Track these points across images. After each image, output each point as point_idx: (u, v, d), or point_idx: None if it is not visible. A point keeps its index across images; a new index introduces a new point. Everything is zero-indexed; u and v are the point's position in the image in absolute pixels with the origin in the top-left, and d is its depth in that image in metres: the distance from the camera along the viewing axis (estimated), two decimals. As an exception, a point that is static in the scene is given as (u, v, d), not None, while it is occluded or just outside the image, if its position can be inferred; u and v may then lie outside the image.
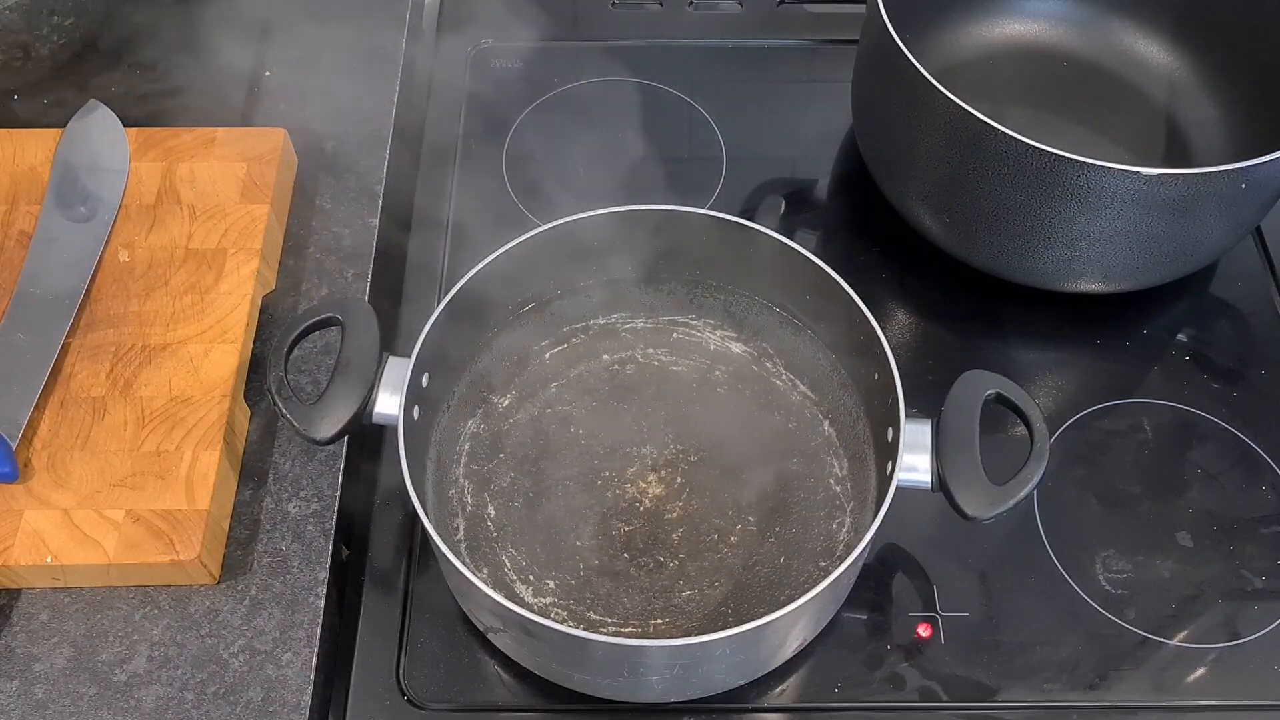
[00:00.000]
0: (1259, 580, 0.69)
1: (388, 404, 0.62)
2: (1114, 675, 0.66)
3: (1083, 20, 0.92)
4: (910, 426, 0.61)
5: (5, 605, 0.63)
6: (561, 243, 0.69)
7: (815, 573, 0.65)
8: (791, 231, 0.84)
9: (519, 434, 0.70)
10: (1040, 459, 0.59)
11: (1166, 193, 0.68)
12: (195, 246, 0.73)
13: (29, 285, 0.70)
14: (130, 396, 0.67)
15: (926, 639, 0.66)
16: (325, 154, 0.82)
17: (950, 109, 0.69)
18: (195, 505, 0.63)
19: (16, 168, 0.76)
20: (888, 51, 0.72)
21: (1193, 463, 0.74)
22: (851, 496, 0.68)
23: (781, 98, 0.94)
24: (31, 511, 0.63)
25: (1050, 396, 0.77)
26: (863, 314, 0.65)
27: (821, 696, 0.65)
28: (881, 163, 0.81)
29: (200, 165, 0.76)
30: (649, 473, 0.69)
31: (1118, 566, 0.69)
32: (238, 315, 0.70)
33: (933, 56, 0.88)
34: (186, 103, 0.84)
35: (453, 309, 0.65)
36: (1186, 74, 0.89)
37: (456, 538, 0.66)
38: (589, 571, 0.65)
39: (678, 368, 0.73)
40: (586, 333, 0.74)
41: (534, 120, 0.90)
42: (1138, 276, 0.76)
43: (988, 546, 0.70)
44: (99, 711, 0.60)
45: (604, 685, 0.62)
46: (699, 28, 0.97)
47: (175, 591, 0.64)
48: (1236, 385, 0.77)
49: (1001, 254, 0.76)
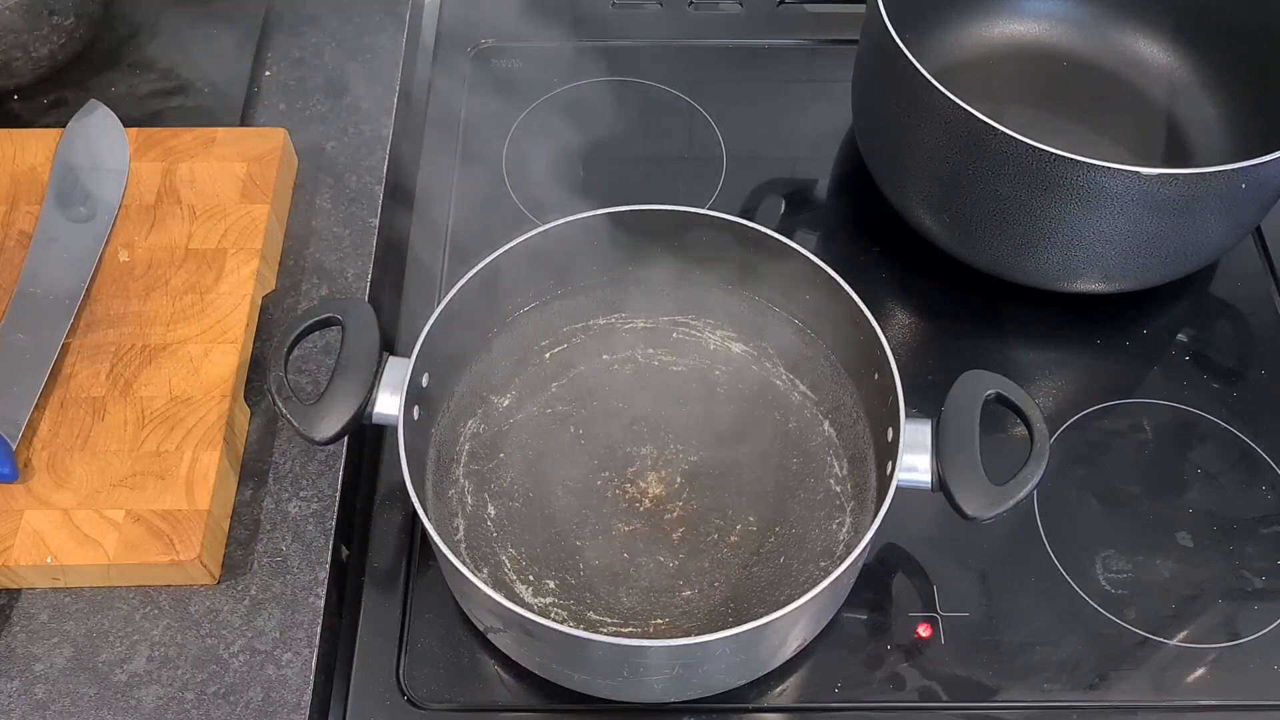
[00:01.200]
0: (1259, 580, 0.69)
1: (388, 404, 0.62)
2: (1114, 675, 0.66)
3: (1083, 20, 0.92)
4: (910, 426, 0.61)
5: (5, 605, 0.63)
6: (561, 243, 0.69)
7: (815, 573, 0.65)
8: (791, 231, 0.84)
9: (519, 434, 0.70)
10: (1040, 459, 0.59)
11: (1166, 193, 0.68)
12: (195, 246, 0.73)
13: (29, 285, 0.70)
14: (130, 396, 0.67)
15: (926, 639, 0.66)
16: (325, 154, 0.82)
17: (950, 109, 0.69)
18: (195, 505, 0.63)
19: (16, 168, 0.76)
20: (888, 51, 0.72)
21: (1193, 463, 0.74)
22: (851, 496, 0.68)
23: (781, 98, 0.94)
24: (31, 511, 0.63)
25: (1050, 396, 0.77)
26: (863, 314, 0.65)
27: (821, 696, 0.65)
28: (881, 163, 0.81)
29: (200, 165, 0.76)
30: (649, 473, 0.69)
31: (1118, 566, 0.69)
32: (238, 315, 0.70)
33: (933, 56, 0.88)
34: (186, 103, 0.84)
35: (453, 309, 0.65)
36: (1186, 74, 0.89)
37: (456, 538, 0.66)
38: (589, 571, 0.65)
39: (678, 368, 0.73)
40: (586, 333, 0.74)
41: (534, 120, 0.90)
42: (1138, 276, 0.76)
43: (988, 546, 0.70)
44: (99, 711, 0.60)
45: (604, 685, 0.62)
46: (699, 28, 0.97)
47: (175, 591, 0.64)
48: (1236, 385, 0.77)
49: (1001, 254, 0.76)
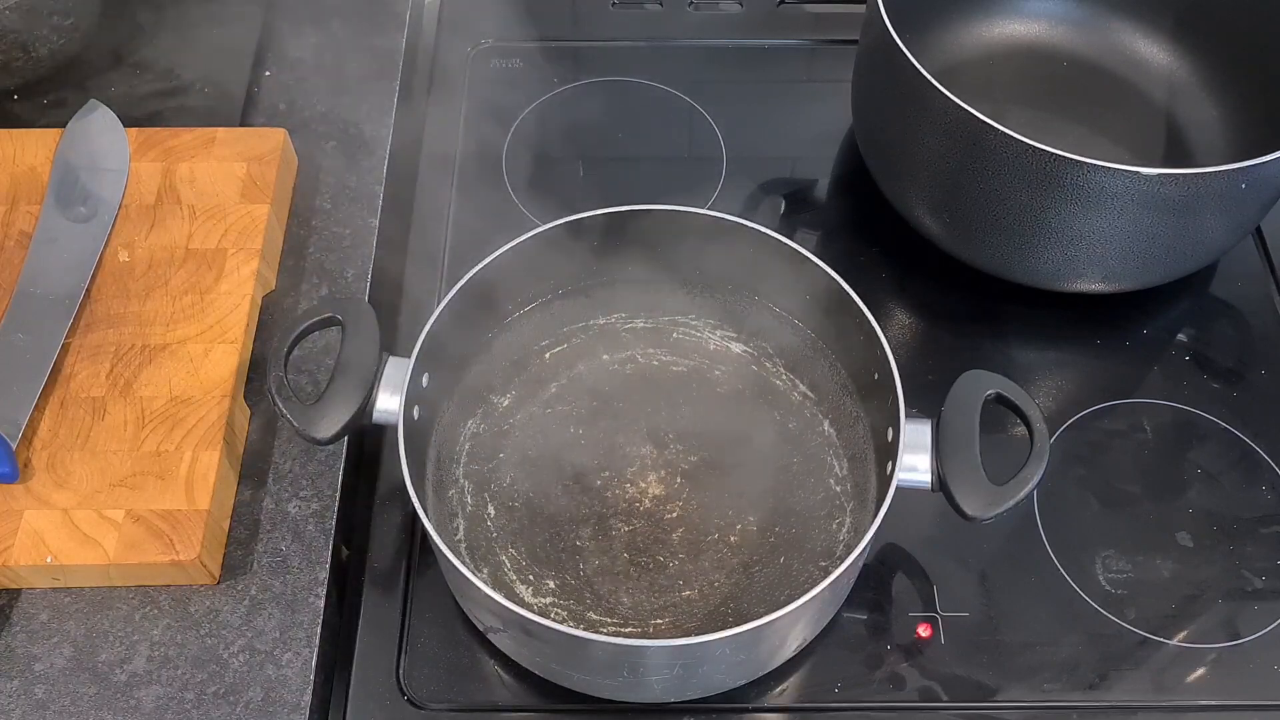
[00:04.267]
0: (1259, 580, 0.69)
1: (388, 404, 0.62)
2: (1114, 675, 0.66)
3: (1083, 20, 0.92)
4: (910, 426, 0.61)
5: (5, 605, 0.63)
6: (561, 243, 0.69)
7: (815, 573, 0.65)
8: (791, 231, 0.84)
9: (519, 434, 0.70)
10: (1040, 459, 0.59)
11: (1166, 193, 0.68)
12: (195, 246, 0.73)
13: (29, 285, 0.70)
14: (130, 396, 0.67)
15: (926, 639, 0.66)
16: (325, 154, 0.82)
17: (950, 109, 0.69)
18: (195, 505, 0.63)
19: (16, 168, 0.76)
20: (888, 51, 0.72)
21: (1193, 463, 0.74)
22: (851, 496, 0.68)
23: (781, 98, 0.94)
24: (31, 511, 0.63)
25: (1050, 396, 0.77)
26: (863, 314, 0.65)
27: (821, 696, 0.65)
28: (881, 163, 0.81)
29: (200, 165, 0.76)
30: (649, 473, 0.69)
31: (1118, 566, 0.69)
32: (238, 315, 0.70)
33: (933, 56, 0.88)
34: (186, 103, 0.84)
35: (452, 309, 0.65)
36: (1186, 74, 0.89)
37: (456, 538, 0.66)
38: (589, 571, 0.65)
39: (678, 368, 0.73)
40: (586, 333, 0.74)
41: (534, 120, 0.90)
42: (1138, 276, 0.76)
43: (988, 546, 0.70)
44: (99, 711, 0.60)
45: (604, 685, 0.62)
46: (699, 28, 0.97)
47: (175, 591, 0.64)
48: (1236, 385, 0.77)
49: (1001, 254, 0.76)
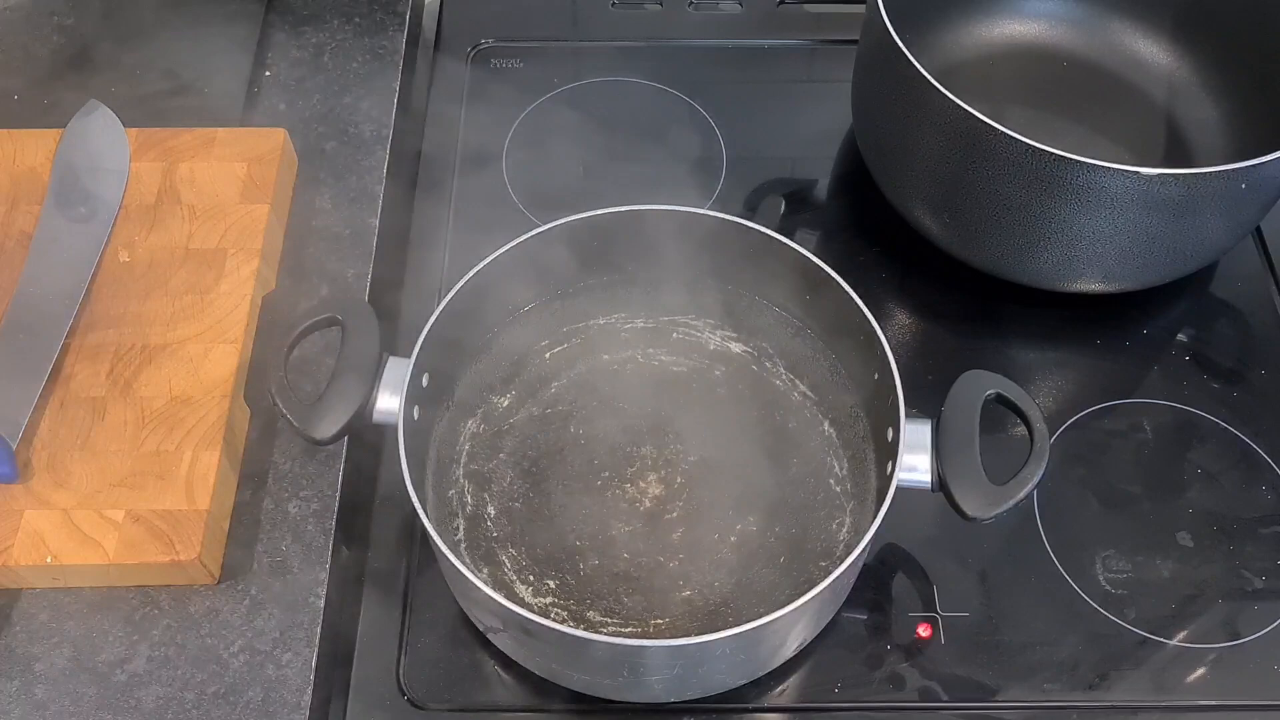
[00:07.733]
0: (1259, 580, 0.69)
1: (388, 404, 0.62)
2: (1114, 675, 0.66)
3: (1083, 20, 0.92)
4: (910, 426, 0.61)
5: (5, 605, 0.63)
6: (561, 243, 0.69)
7: (815, 573, 0.65)
8: (791, 231, 0.84)
9: (519, 434, 0.70)
10: (1040, 459, 0.59)
11: (1166, 193, 0.68)
12: (195, 246, 0.73)
13: (29, 285, 0.70)
14: (130, 396, 0.67)
15: (926, 639, 0.66)
16: (325, 154, 0.82)
17: (950, 109, 0.69)
18: (195, 505, 0.63)
19: (16, 168, 0.76)
20: (888, 51, 0.72)
21: (1193, 463, 0.74)
22: (851, 496, 0.68)
23: (781, 98, 0.94)
24: (31, 511, 0.63)
25: (1050, 396, 0.77)
26: (863, 314, 0.65)
27: (821, 696, 0.65)
28: (881, 163, 0.81)
29: (200, 165, 0.76)
30: (649, 473, 0.69)
31: (1118, 566, 0.69)
32: (238, 315, 0.70)
33: (933, 56, 0.88)
34: (186, 103, 0.84)
35: (453, 309, 0.65)
36: (1186, 74, 0.89)
37: (456, 538, 0.66)
38: (589, 571, 0.65)
39: (678, 368, 0.73)
40: (586, 333, 0.74)
41: (534, 120, 0.90)
42: (1138, 276, 0.76)
43: (988, 546, 0.70)
44: (99, 711, 0.60)
45: (604, 685, 0.62)
46: (699, 28, 0.97)
47: (175, 591, 0.64)
48: (1236, 385, 0.77)
49: (1001, 254, 0.76)
